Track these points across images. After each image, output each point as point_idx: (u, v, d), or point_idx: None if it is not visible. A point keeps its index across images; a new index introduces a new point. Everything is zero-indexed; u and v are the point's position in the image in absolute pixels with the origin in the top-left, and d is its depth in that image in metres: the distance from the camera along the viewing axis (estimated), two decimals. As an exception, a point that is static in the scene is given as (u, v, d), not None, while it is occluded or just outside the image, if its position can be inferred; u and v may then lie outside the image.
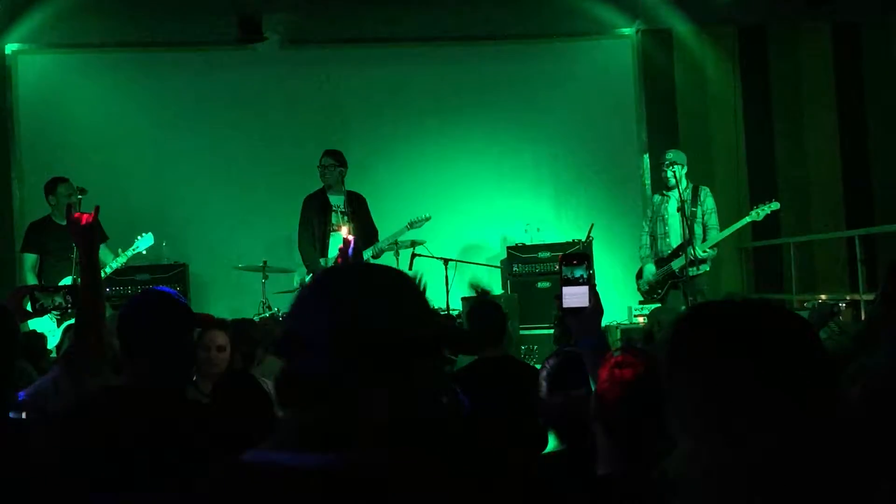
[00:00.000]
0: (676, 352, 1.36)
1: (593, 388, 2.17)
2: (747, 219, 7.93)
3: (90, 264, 3.04)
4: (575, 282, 2.42)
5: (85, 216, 3.07)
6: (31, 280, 7.48)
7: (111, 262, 7.46)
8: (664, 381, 1.37)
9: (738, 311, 1.38)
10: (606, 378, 2.06)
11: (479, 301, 6.18)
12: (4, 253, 8.98)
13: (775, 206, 7.91)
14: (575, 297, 2.40)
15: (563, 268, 2.43)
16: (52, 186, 7.52)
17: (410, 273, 1.57)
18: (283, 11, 9.16)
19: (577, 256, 2.45)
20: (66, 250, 7.22)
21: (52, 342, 6.19)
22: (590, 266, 2.44)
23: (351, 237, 3.68)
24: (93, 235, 3.04)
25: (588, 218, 8.98)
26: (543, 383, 2.66)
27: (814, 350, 1.34)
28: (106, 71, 9.46)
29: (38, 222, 7.67)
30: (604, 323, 2.55)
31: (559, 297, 2.41)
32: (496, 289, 9.16)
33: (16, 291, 3.54)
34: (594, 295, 2.40)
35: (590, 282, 2.41)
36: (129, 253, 7.54)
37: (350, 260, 3.66)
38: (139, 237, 7.61)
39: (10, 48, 9.16)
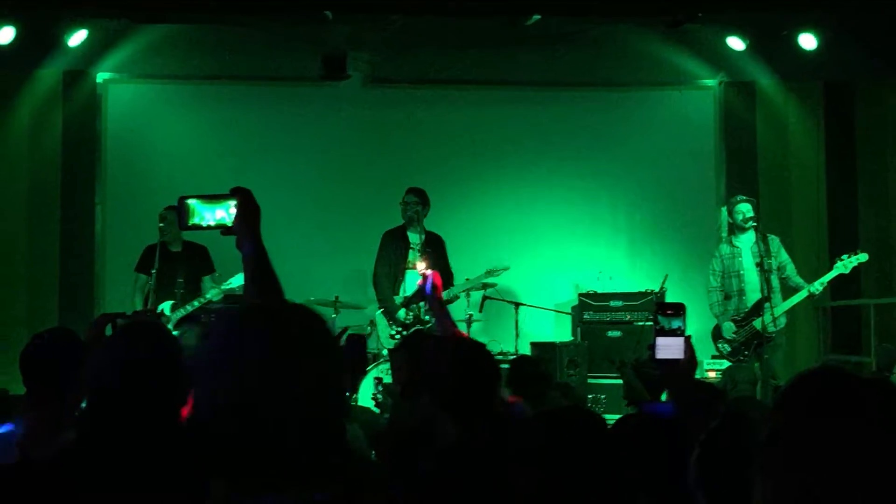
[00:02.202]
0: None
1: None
2: (835, 271, 7.70)
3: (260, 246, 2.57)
4: (671, 332, 2.36)
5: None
6: (138, 300, 7.72)
7: (207, 294, 7.69)
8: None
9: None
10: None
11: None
12: (86, 275, 9.18)
13: (863, 257, 7.69)
14: (669, 348, 2.35)
15: (659, 317, 2.38)
16: (164, 214, 7.65)
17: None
18: (367, 51, 9.27)
19: (673, 306, 2.39)
20: (172, 277, 7.57)
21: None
22: (685, 317, 2.38)
23: (429, 272, 3.66)
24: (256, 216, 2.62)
25: (662, 269, 8.87)
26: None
27: None
28: (191, 102, 9.67)
29: (152, 246, 7.79)
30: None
31: (652, 346, 2.36)
32: (566, 335, 9.08)
33: (98, 320, 3.57)
34: (689, 347, 2.34)
35: (685, 333, 2.35)
36: (224, 287, 7.69)
37: (428, 296, 3.62)
38: (240, 273, 7.86)
39: (101, 77, 9.41)
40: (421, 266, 4.69)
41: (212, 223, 2.57)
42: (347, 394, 2.37)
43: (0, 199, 9.16)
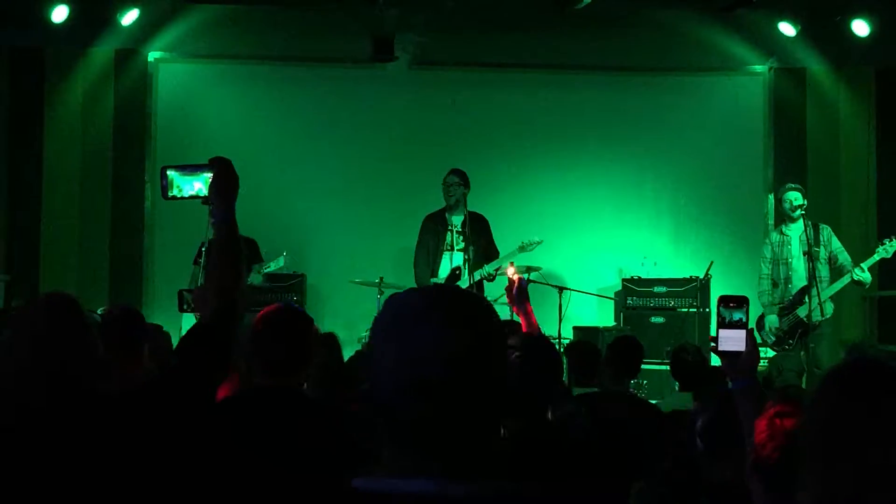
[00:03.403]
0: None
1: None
2: (876, 256, 7.59)
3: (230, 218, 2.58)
4: (733, 325, 2.38)
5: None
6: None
7: (249, 280, 7.83)
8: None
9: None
10: (766, 428, 2.02)
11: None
12: (136, 252, 9.33)
13: None
14: (731, 340, 2.37)
15: (721, 309, 2.40)
16: None
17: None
18: (414, 33, 9.29)
19: (735, 299, 2.41)
20: None
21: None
22: (748, 310, 2.39)
23: (517, 276, 3.68)
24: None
25: (707, 255, 8.85)
26: (698, 440, 2.62)
27: None
28: (240, 82, 9.76)
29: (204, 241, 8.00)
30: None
31: (715, 339, 2.38)
32: (609, 321, 9.09)
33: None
34: (751, 339, 2.36)
35: (747, 326, 2.37)
36: (265, 270, 7.99)
37: (516, 300, 3.63)
38: (280, 256, 8.19)
39: (152, 56, 9.52)
40: (510, 270, 4.71)
41: (191, 194, 2.62)
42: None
43: (53, 176, 9.32)
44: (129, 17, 8.84)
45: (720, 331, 2.39)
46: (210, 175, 2.56)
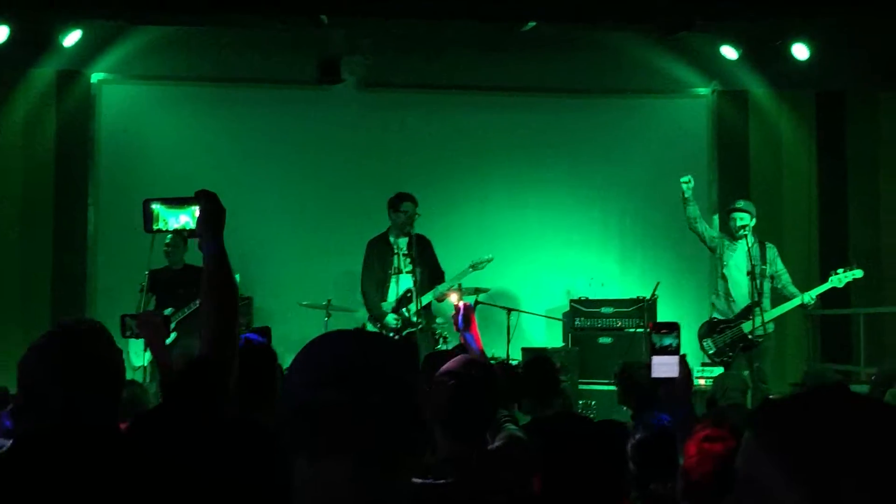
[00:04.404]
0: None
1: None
2: (829, 284, 7.77)
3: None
4: (664, 350, 2.38)
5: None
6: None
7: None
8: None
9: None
10: (695, 453, 2.01)
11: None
12: (78, 276, 9.18)
13: (858, 273, 7.76)
14: (664, 366, 2.37)
15: (653, 336, 2.39)
16: (171, 240, 7.98)
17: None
18: (362, 54, 9.28)
19: (667, 325, 2.40)
20: (172, 290, 8.02)
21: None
22: (679, 335, 2.39)
23: (462, 304, 3.67)
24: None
25: (654, 276, 8.91)
26: (631, 463, 2.62)
27: None
28: (185, 103, 9.66)
29: (154, 271, 8.01)
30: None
31: (648, 366, 2.37)
32: (557, 342, 9.10)
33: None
34: (684, 365, 2.36)
35: (679, 352, 2.37)
36: None
37: (462, 327, 3.61)
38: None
39: (95, 77, 9.40)
40: (454, 297, 4.66)
41: (176, 227, 2.60)
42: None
43: (-7, 199, 9.16)
44: (72, 37, 8.73)
45: (652, 357, 2.38)
46: (196, 208, 2.53)
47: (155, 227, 2.61)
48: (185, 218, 2.58)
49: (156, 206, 2.61)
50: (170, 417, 2.23)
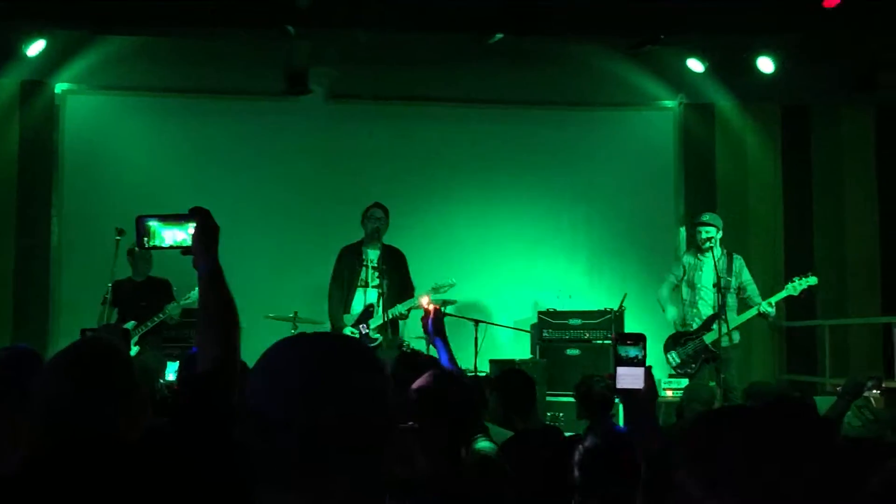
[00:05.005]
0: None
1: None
2: (784, 292, 7.85)
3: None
4: (629, 362, 2.37)
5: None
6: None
7: (167, 308, 8.00)
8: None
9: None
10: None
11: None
12: (41, 288, 9.06)
13: (813, 280, 7.84)
14: (629, 377, 2.36)
15: (619, 347, 2.39)
16: (135, 252, 7.95)
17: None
18: (329, 66, 9.26)
19: (632, 336, 2.40)
20: (135, 302, 8.00)
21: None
22: (645, 346, 2.39)
23: (432, 307, 3.65)
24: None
25: (621, 287, 8.94)
26: (576, 469, 2.61)
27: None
28: (151, 114, 9.59)
29: (117, 282, 7.95)
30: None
31: (612, 377, 2.36)
32: (525, 353, 9.09)
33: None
34: (649, 377, 2.36)
35: (645, 363, 2.36)
36: (183, 302, 7.98)
37: (432, 331, 3.59)
38: (194, 290, 7.93)
39: (59, 87, 9.32)
40: (424, 300, 4.65)
41: (172, 244, 2.59)
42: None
43: (-45, 211, 9.03)
44: (36, 47, 8.61)
45: (617, 368, 2.37)
46: (192, 225, 2.53)
47: (150, 244, 2.61)
48: (182, 235, 2.57)
49: (152, 223, 2.60)
50: (181, 436, 2.22)
